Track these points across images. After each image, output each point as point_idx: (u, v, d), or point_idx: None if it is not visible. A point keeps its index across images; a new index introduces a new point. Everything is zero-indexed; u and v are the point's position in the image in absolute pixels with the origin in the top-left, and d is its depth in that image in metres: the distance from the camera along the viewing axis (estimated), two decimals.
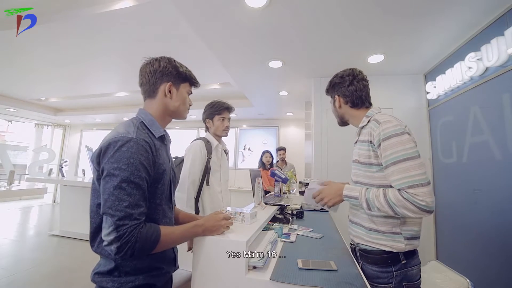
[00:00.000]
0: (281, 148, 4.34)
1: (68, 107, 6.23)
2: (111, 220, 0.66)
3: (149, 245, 0.70)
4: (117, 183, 0.67)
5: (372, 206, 0.89)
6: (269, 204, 1.63)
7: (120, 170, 0.68)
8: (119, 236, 0.65)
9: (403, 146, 0.86)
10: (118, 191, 0.67)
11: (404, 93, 2.93)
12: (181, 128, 6.58)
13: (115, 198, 0.67)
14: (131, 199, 0.68)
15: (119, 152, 0.69)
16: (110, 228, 0.65)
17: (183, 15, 1.98)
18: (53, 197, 6.97)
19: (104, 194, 0.68)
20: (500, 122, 1.75)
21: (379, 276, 0.92)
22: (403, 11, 1.83)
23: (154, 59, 0.87)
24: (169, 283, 0.90)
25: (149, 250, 0.70)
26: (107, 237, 0.66)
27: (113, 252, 0.66)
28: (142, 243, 0.67)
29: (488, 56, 1.83)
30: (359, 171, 1.01)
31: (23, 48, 2.91)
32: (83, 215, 3.90)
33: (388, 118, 0.93)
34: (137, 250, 0.67)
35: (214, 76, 3.69)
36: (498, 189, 1.77)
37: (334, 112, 1.19)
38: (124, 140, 0.71)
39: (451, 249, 2.35)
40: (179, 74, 0.88)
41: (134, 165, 0.69)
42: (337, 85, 1.12)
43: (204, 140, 1.61)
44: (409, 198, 0.81)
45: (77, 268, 2.71)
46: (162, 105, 0.86)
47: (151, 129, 0.82)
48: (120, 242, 0.65)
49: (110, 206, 0.66)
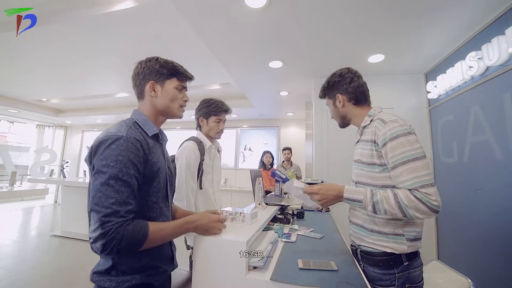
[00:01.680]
0: (286, 148, 4.26)
1: (69, 108, 6.25)
2: (97, 217, 0.65)
3: (136, 242, 0.68)
4: (105, 180, 0.67)
5: (379, 209, 0.85)
6: (270, 204, 1.63)
7: (108, 167, 0.68)
8: (104, 233, 0.64)
9: (411, 146, 0.84)
10: (105, 187, 0.67)
11: (405, 92, 2.92)
12: (182, 129, 6.56)
13: (102, 194, 0.66)
14: (119, 196, 0.67)
15: (108, 149, 0.69)
16: (96, 225, 0.65)
17: (183, 16, 1.99)
18: (54, 198, 6.99)
19: (92, 191, 0.69)
20: (501, 122, 1.74)
21: (381, 279, 0.91)
22: (403, 10, 1.83)
23: (138, 62, 0.88)
24: (168, 282, 0.90)
25: (137, 247, 0.69)
26: (92, 234, 0.65)
27: (98, 250, 0.65)
28: (128, 240, 0.66)
29: (489, 55, 1.82)
30: (361, 171, 0.98)
31: (24, 49, 2.92)
32: (85, 215, 3.87)
33: (394, 118, 0.91)
34: (123, 248, 0.66)
35: (214, 76, 3.69)
36: (499, 189, 1.77)
37: (335, 113, 1.13)
38: (113, 138, 0.71)
39: (452, 249, 2.35)
40: (161, 71, 0.85)
41: (123, 162, 0.69)
42: (338, 84, 1.08)
43: (196, 140, 1.48)
44: (423, 198, 0.79)
45: (79, 268, 2.72)
46: (151, 105, 0.86)
47: (144, 128, 0.82)
48: (105, 239, 0.64)
49: (97, 202, 0.66)
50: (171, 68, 0.86)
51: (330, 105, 1.15)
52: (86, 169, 5.47)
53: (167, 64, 0.86)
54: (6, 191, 5.08)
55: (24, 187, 6.24)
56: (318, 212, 1.96)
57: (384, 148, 0.88)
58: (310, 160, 3.70)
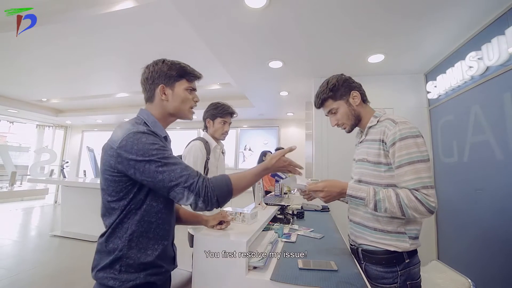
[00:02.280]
0: (279, 148, 4.34)
1: (69, 108, 6.25)
2: (180, 188, 0.70)
3: (226, 188, 0.75)
4: (159, 162, 0.71)
5: (380, 207, 0.87)
6: (270, 204, 1.63)
7: (152, 155, 0.71)
8: (197, 192, 0.71)
9: (418, 148, 0.87)
10: (164, 167, 0.71)
11: (405, 92, 2.92)
12: (182, 129, 6.57)
13: (168, 172, 0.71)
14: (179, 166, 0.73)
15: (141, 143, 0.72)
16: (185, 193, 0.70)
17: (183, 16, 1.99)
18: (54, 198, 6.99)
19: (154, 178, 0.71)
20: (501, 121, 1.74)
21: (384, 277, 0.92)
22: (403, 10, 1.83)
23: (145, 67, 0.88)
24: (168, 282, 0.90)
25: (228, 193, 0.76)
26: (188, 202, 0.72)
27: (204, 208, 0.73)
28: (218, 188, 0.74)
29: (489, 55, 1.82)
30: (366, 170, 0.99)
31: (24, 49, 2.92)
32: (85, 215, 3.93)
33: (404, 119, 0.94)
34: (219, 196, 0.73)
35: (214, 76, 3.69)
36: (499, 189, 1.77)
37: (349, 113, 1.04)
38: (139, 132, 0.74)
39: (452, 249, 2.35)
40: (170, 74, 0.85)
41: (160, 149, 0.73)
42: (349, 81, 1.05)
43: (202, 140, 1.59)
44: (422, 199, 0.83)
45: (79, 268, 2.71)
46: (161, 108, 0.86)
47: (153, 130, 0.82)
48: (202, 196, 0.71)
49: (171, 179, 0.71)
50: (179, 69, 0.87)
51: (341, 107, 1.05)
52: (86, 169, 5.50)
53: (175, 65, 0.86)
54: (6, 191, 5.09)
55: (24, 187, 6.24)
56: (318, 212, 1.96)
57: (393, 148, 0.90)
58: (310, 160, 3.70)
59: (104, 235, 0.76)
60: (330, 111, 1.08)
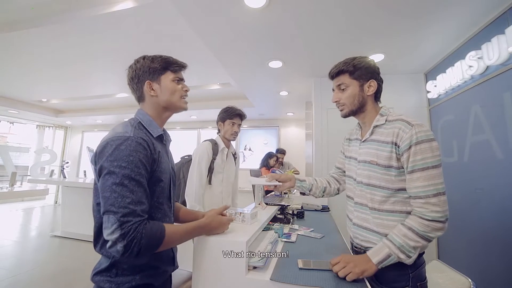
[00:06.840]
0: (282, 152, 4.42)
1: (69, 108, 6.25)
2: (114, 218, 0.63)
3: (155, 242, 0.68)
4: (119, 180, 0.66)
5: (409, 251, 0.81)
6: (270, 204, 1.63)
7: (121, 168, 0.67)
8: (124, 234, 0.62)
9: (433, 153, 0.84)
10: (120, 187, 0.66)
11: (405, 92, 2.92)
12: (182, 129, 6.56)
13: (118, 195, 0.65)
14: (134, 196, 0.67)
15: (118, 150, 0.69)
16: (114, 226, 0.63)
17: (183, 16, 1.99)
18: (54, 198, 7.00)
19: (104, 192, 0.66)
20: (501, 121, 1.74)
21: (396, 280, 0.89)
22: (403, 10, 1.83)
23: (129, 67, 0.88)
24: (168, 282, 0.90)
25: (155, 247, 0.69)
26: (110, 236, 0.63)
27: (119, 253, 0.63)
28: (148, 240, 0.66)
29: (489, 55, 1.82)
30: (375, 173, 0.93)
31: (24, 49, 2.92)
32: (85, 216, 3.92)
33: (419, 122, 0.89)
34: (144, 247, 0.65)
35: (214, 76, 3.69)
36: (499, 188, 1.77)
37: (356, 96, 0.99)
38: (122, 138, 0.71)
39: (453, 248, 2.34)
40: (153, 68, 0.84)
41: (134, 162, 0.69)
42: (374, 69, 1.01)
43: (212, 141, 1.71)
44: (433, 218, 0.81)
45: (79, 269, 2.72)
46: (153, 105, 0.86)
47: (149, 129, 0.82)
48: (126, 240, 0.62)
49: (113, 203, 0.64)
50: (162, 61, 0.85)
51: (352, 86, 0.99)
52: (86, 170, 5.50)
53: (157, 59, 0.85)
54: (6, 191, 5.09)
55: (24, 188, 6.25)
56: (318, 212, 1.96)
57: (408, 152, 0.85)
58: (310, 160, 3.70)
59: None
60: (340, 86, 1.02)
